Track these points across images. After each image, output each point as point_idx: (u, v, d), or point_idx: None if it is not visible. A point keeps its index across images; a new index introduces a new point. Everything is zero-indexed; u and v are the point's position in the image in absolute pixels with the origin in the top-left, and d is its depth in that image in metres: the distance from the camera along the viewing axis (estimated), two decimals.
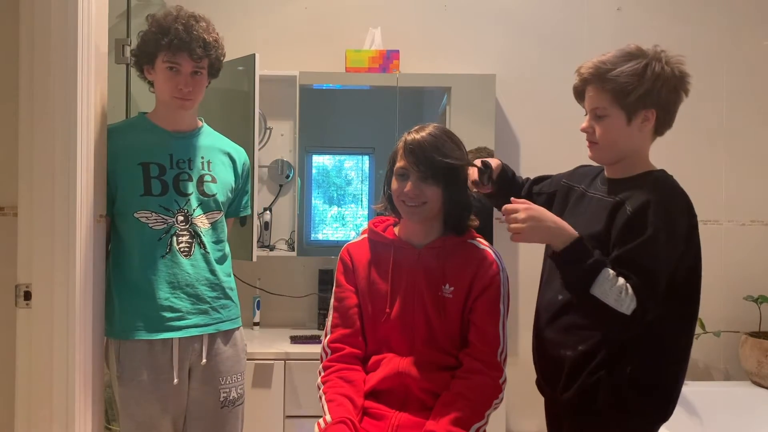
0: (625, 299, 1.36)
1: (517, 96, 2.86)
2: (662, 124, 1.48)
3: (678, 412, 1.49)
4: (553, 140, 2.82)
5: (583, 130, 1.52)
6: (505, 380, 1.59)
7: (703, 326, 2.78)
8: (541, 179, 1.80)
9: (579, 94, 1.53)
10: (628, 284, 1.37)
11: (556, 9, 2.89)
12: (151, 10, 2.43)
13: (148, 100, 2.35)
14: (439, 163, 1.56)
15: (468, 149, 1.68)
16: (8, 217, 1.76)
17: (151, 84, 1.90)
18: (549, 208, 1.62)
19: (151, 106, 1.94)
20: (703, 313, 2.73)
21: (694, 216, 1.45)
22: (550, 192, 1.72)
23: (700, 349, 2.87)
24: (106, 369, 1.84)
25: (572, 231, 1.43)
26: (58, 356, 1.59)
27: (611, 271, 1.38)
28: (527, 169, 2.88)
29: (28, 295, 1.59)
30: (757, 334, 2.74)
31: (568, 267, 1.42)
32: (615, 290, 1.36)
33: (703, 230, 2.89)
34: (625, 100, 1.43)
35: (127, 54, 2.28)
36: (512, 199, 1.49)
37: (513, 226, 1.44)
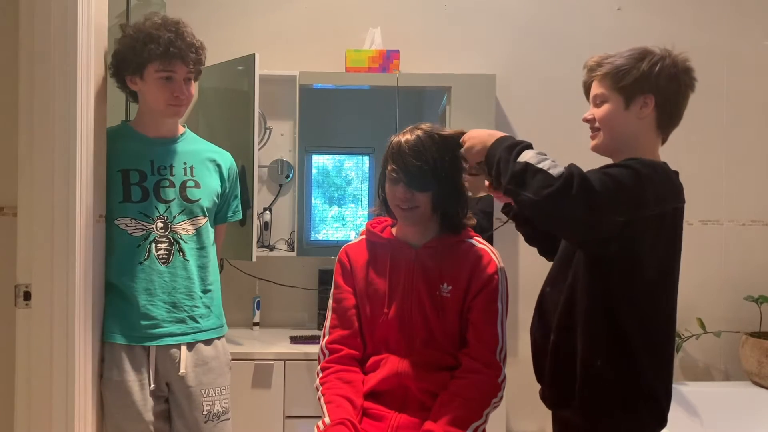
0: (552, 162, 1.29)
1: (517, 96, 2.86)
2: (664, 117, 1.47)
3: (678, 411, 1.49)
4: (553, 140, 2.80)
5: (585, 119, 1.53)
6: (504, 379, 1.59)
7: (703, 326, 2.79)
8: None
9: (587, 89, 1.54)
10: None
11: (556, 9, 2.89)
12: (151, 9, 2.44)
13: None
14: (424, 169, 1.56)
15: None
16: (8, 217, 1.76)
17: (131, 94, 1.87)
18: None
19: None
20: (703, 313, 2.80)
21: (672, 198, 1.39)
22: None
23: (700, 349, 2.87)
24: None
25: (498, 133, 1.46)
26: (57, 356, 1.60)
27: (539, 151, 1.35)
28: None
29: (27, 295, 1.59)
30: (757, 334, 2.74)
31: (493, 154, 1.41)
32: (540, 156, 1.31)
33: (703, 230, 2.95)
34: (621, 82, 1.44)
35: None
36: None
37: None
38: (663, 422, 1.45)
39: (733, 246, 2.92)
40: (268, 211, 2.81)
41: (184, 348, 1.81)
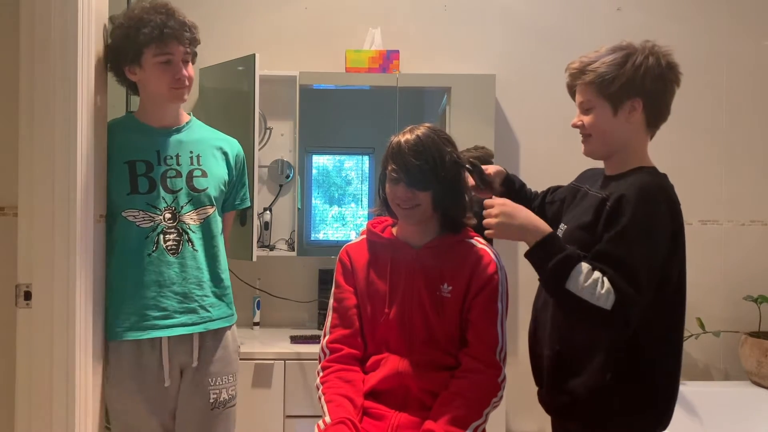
0: (602, 293, 1.31)
1: (517, 96, 2.86)
2: (653, 116, 1.46)
3: (678, 412, 1.48)
4: (553, 140, 2.82)
5: (574, 125, 1.53)
6: (504, 379, 1.59)
7: (702, 326, 2.79)
8: (555, 189, 1.79)
9: (571, 92, 1.54)
10: (604, 278, 1.32)
11: (556, 9, 2.90)
12: None
13: None
14: (424, 168, 1.56)
15: (466, 149, 1.68)
16: (8, 217, 1.76)
17: (131, 87, 1.85)
18: (561, 214, 1.63)
19: None
20: (702, 313, 2.81)
21: (677, 217, 1.40)
22: (561, 198, 1.70)
23: (700, 349, 2.87)
24: None
25: (545, 227, 1.41)
26: (58, 356, 1.59)
27: (586, 265, 1.34)
28: (527, 169, 2.89)
29: (28, 295, 1.59)
30: (756, 334, 2.74)
31: (541, 263, 1.38)
32: (590, 284, 1.32)
33: (703, 230, 2.96)
34: (607, 90, 1.43)
35: None
36: (486, 201, 1.50)
37: (486, 221, 1.46)
38: (667, 422, 1.46)
39: (733, 246, 2.92)
40: (268, 211, 2.82)
41: (196, 338, 1.80)
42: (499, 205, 1.45)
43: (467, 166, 1.68)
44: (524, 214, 1.44)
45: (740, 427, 2.55)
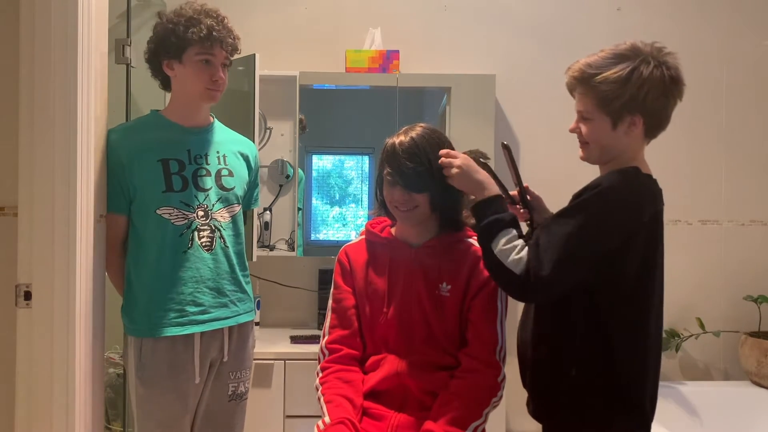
0: (515, 257, 1.38)
1: (517, 96, 2.86)
2: (653, 128, 1.45)
3: (678, 412, 1.48)
4: (553, 140, 2.82)
5: (572, 131, 1.51)
6: (503, 379, 1.59)
7: (702, 326, 2.79)
8: None
9: (571, 90, 1.53)
10: (525, 247, 1.39)
11: (556, 9, 2.90)
12: (151, 10, 2.44)
13: (147, 100, 2.35)
14: (419, 170, 1.56)
15: (462, 152, 1.67)
16: (8, 217, 1.76)
17: (162, 81, 1.87)
18: None
19: (151, 105, 1.94)
20: (702, 313, 2.81)
21: (639, 218, 1.38)
22: None
23: (700, 349, 2.88)
24: (106, 370, 1.84)
25: (494, 189, 1.51)
26: (58, 356, 1.60)
27: (515, 232, 1.42)
28: (527, 170, 2.88)
29: (28, 295, 1.59)
30: (756, 334, 2.75)
31: (478, 220, 1.48)
32: (508, 248, 1.39)
33: (702, 230, 2.96)
34: (609, 106, 1.41)
35: (128, 54, 2.28)
36: (450, 152, 1.58)
37: (445, 163, 1.54)
38: (646, 423, 1.45)
39: (733, 246, 2.92)
40: (268, 211, 2.82)
41: (226, 332, 1.84)
42: (462, 158, 1.54)
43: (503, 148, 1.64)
44: (482, 172, 1.54)
45: (740, 427, 2.55)
